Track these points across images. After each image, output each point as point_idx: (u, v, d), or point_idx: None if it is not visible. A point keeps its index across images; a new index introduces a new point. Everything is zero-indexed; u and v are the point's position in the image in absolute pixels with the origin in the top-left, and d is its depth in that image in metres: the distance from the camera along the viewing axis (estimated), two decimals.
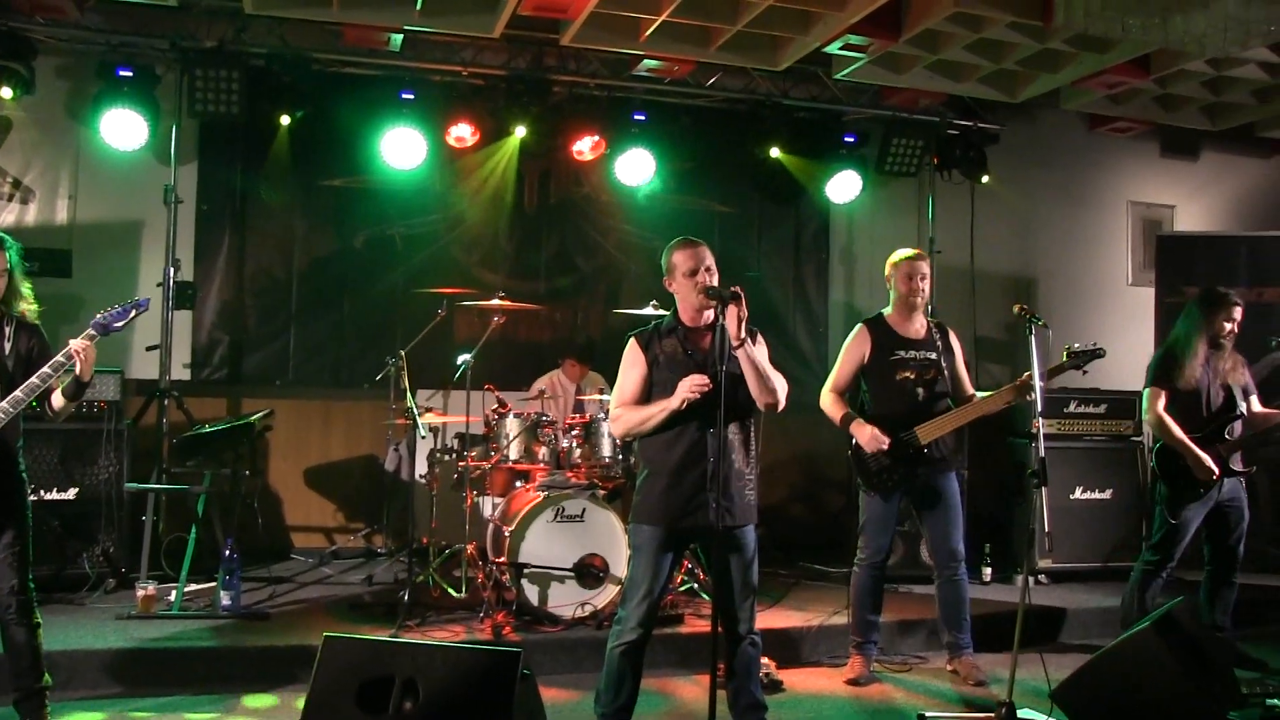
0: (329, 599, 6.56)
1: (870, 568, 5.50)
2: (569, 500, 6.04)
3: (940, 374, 5.44)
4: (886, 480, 5.40)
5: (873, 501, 5.45)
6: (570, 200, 8.63)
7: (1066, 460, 7.54)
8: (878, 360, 5.45)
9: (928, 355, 5.45)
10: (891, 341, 5.47)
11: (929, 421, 5.33)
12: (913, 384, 5.40)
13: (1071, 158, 9.84)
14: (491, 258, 8.44)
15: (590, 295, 8.72)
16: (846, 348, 5.57)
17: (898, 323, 5.54)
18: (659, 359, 4.30)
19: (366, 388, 7.72)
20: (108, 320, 4.45)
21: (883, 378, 5.44)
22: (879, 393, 5.47)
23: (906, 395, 5.39)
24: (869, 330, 5.53)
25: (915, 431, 5.32)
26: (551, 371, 7.84)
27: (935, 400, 5.42)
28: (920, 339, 5.50)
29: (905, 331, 5.51)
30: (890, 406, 5.41)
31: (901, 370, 5.41)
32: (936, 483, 5.43)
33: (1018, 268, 9.68)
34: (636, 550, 4.31)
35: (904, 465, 5.35)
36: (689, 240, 4.37)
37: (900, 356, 5.43)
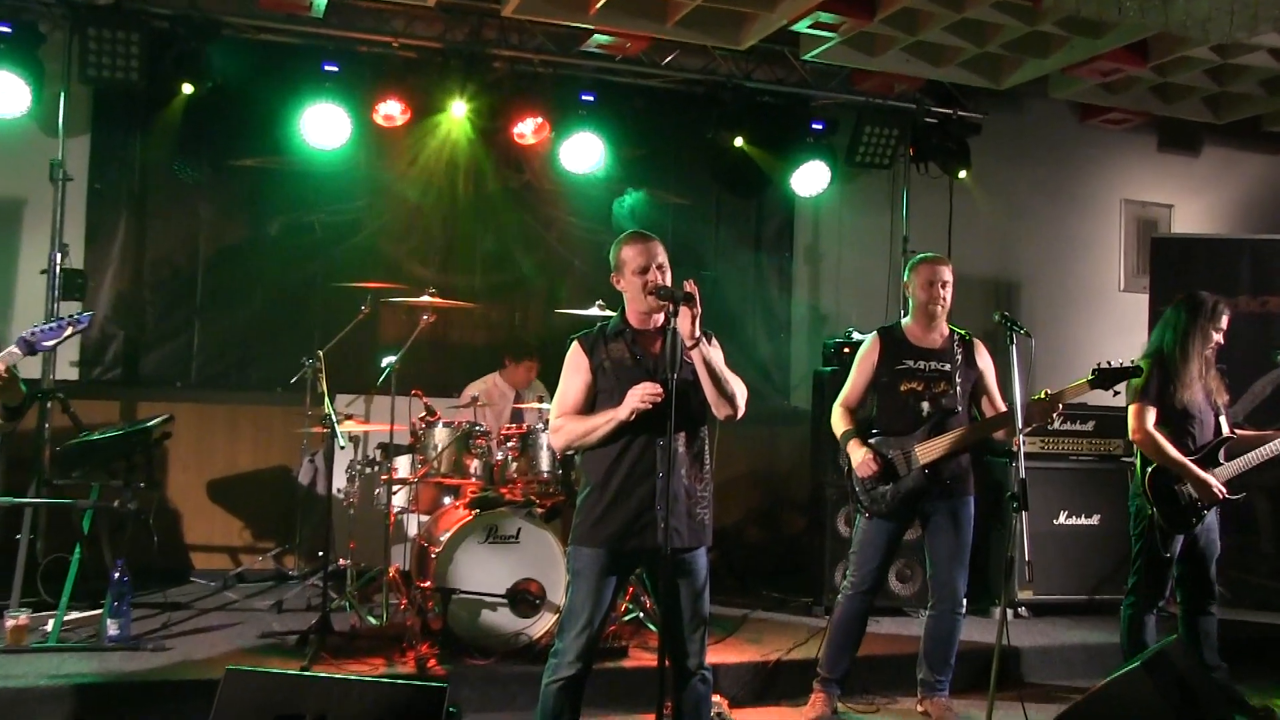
0: (232, 627, 6.48)
1: (855, 597, 5.52)
2: (503, 519, 6.03)
3: (952, 388, 5.45)
4: (880, 503, 5.43)
5: (865, 524, 5.51)
6: (510, 188, 8.62)
7: (1049, 482, 7.61)
8: (884, 371, 5.51)
9: (939, 366, 5.48)
10: (901, 351, 5.52)
11: (930, 440, 5.37)
12: (917, 397, 5.44)
13: (1060, 151, 10.00)
14: (421, 250, 8.42)
15: (530, 293, 8.72)
16: (858, 359, 5.62)
17: (914, 332, 5.57)
18: (604, 365, 4.31)
19: (279, 391, 7.65)
20: (36, 338, 4.22)
21: (889, 391, 5.50)
22: (884, 407, 5.52)
23: (910, 410, 5.43)
24: (880, 338, 5.59)
25: (915, 450, 5.35)
26: (488, 375, 7.83)
27: (943, 416, 5.43)
28: (936, 349, 5.53)
29: (920, 341, 5.54)
30: (892, 422, 5.46)
31: (907, 382, 5.46)
32: (947, 508, 5.46)
33: (999, 271, 9.81)
34: (576, 575, 4.31)
35: (901, 486, 5.39)
36: (640, 234, 4.38)
37: (907, 366, 5.47)
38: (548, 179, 8.62)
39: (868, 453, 5.35)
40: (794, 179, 8.79)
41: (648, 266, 4.27)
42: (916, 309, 5.55)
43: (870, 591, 5.52)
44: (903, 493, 5.38)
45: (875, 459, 5.34)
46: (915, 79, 8.69)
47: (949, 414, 5.43)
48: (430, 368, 7.98)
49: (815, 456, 7.67)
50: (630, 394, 4.14)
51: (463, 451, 6.53)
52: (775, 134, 8.72)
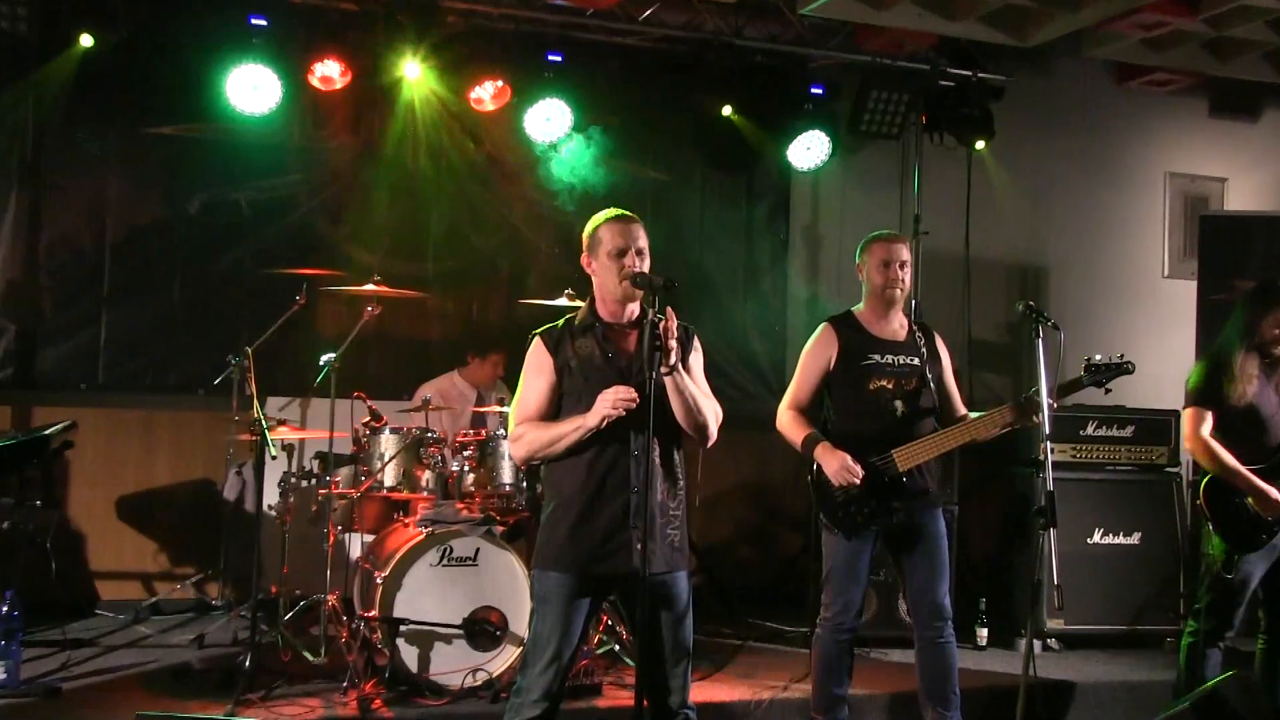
0: (145, 667, 6.45)
1: (837, 629, 5.47)
2: (459, 539, 6.03)
3: (924, 385, 5.46)
4: (854, 516, 5.38)
5: (837, 543, 5.43)
6: (466, 161, 8.59)
7: (1083, 495, 7.64)
8: (846, 367, 5.47)
9: (909, 361, 5.48)
10: (863, 344, 5.49)
11: (909, 444, 5.35)
12: (889, 396, 5.41)
13: (1095, 118, 10.01)
14: (365, 232, 8.39)
15: (490, 281, 8.73)
16: (807, 353, 5.57)
17: (871, 321, 5.56)
18: (571, 364, 4.32)
19: (201, 394, 7.64)
20: None
21: (852, 389, 5.46)
22: (847, 407, 5.48)
23: (882, 410, 5.41)
24: (835, 330, 5.54)
25: (892, 456, 5.32)
26: (445, 374, 7.85)
27: (918, 418, 5.44)
28: (900, 341, 5.53)
29: (880, 332, 5.53)
30: (861, 425, 5.42)
31: (875, 379, 5.42)
32: (918, 521, 5.43)
33: (1023, 255, 9.85)
34: (541, 602, 4.31)
35: (876, 497, 5.35)
36: (620, 214, 4.41)
37: (874, 362, 5.44)
38: (510, 150, 8.59)
39: (844, 457, 5.29)
40: (790, 151, 8.80)
41: (626, 249, 4.29)
42: (871, 294, 5.55)
43: (852, 624, 5.49)
44: (880, 505, 5.37)
45: (856, 466, 5.29)
46: (929, 36, 8.71)
47: (925, 414, 5.45)
48: (375, 366, 7.99)
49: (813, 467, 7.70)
50: (601, 399, 4.15)
51: (413, 462, 6.53)
52: (768, 99, 8.72)
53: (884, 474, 5.34)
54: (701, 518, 8.71)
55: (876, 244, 5.57)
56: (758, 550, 9.20)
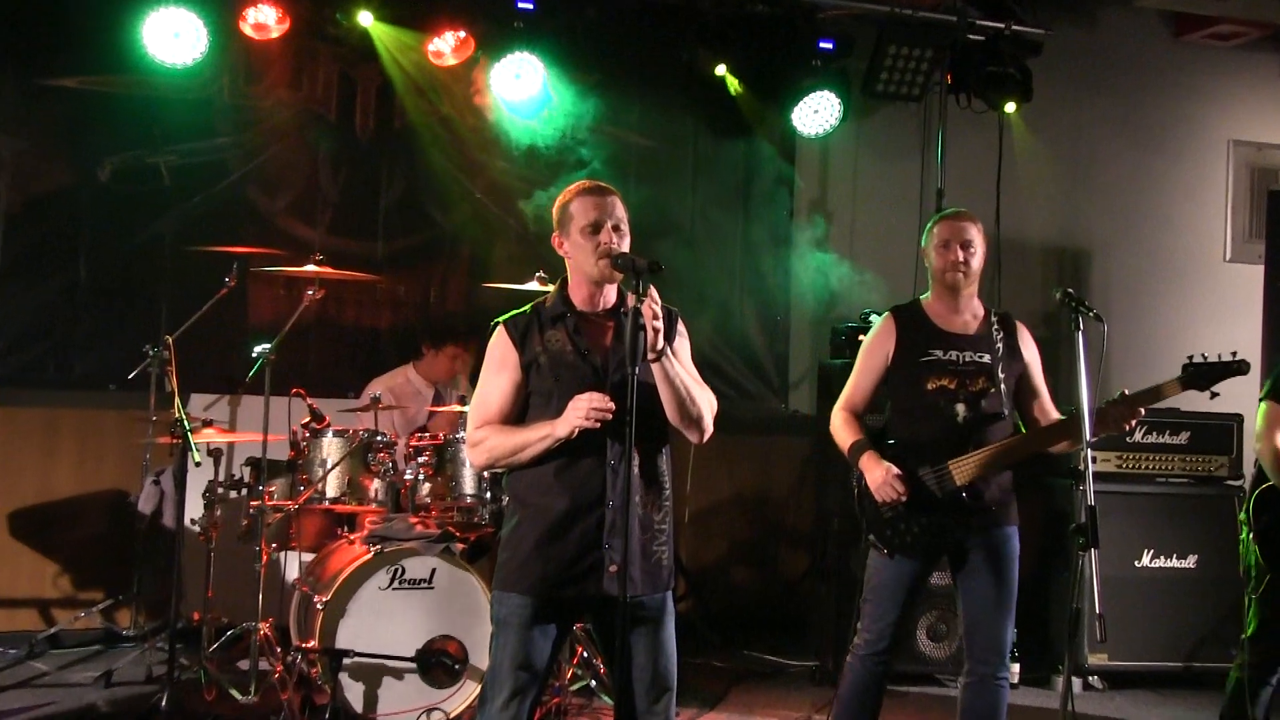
0: (41, 711, 6.45)
1: (870, 659, 5.47)
2: (412, 558, 6.06)
3: (993, 385, 5.42)
4: (903, 534, 5.38)
5: (881, 563, 5.43)
6: (424, 124, 8.61)
7: (1130, 512, 7.69)
8: (904, 364, 5.47)
9: (976, 358, 5.45)
10: (925, 337, 5.48)
11: (970, 454, 5.33)
12: (950, 398, 5.38)
13: (1147, 77, 10.03)
14: (305, 204, 8.41)
15: (450, 262, 8.74)
16: (865, 347, 5.58)
17: (939, 312, 5.54)
18: (539, 359, 4.32)
19: (113, 390, 7.63)
20: None
21: (910, 388, 5.46)
22: (904, 410, 5.49)
23: (941, 414, 5.39)
24: (896, 322, 5.54)
25: (949, 468, 5.32)
26: (398, 369, 7.87)
27: (985, 423, 5.40)
28: (969, 335, 5.51)
29: (947, 324, 5.51)
30: (918, 429, 5.42)
31: (935, 377, 5.40)
32: (985, 543, 5.42)
33: (1063, 235, 9.90)
34: (501, 627, 4.32)
35: (929, 514, 5.35)
36: (594, 185, 4.40)
37: (934, 358, 5.43)
38: (473, 113, 8.60)
39: (889, 469, 5.28)
40: (795, 115, 8.81)
41: (601, 224, 4.28)
42: (934, 280, 5.55)
43: (887, 652, 5.46)
44: (933, 522, 5.38)
45: (900, 478, 5.28)
46: None
47: (992, 420, 5.40)
48: (317, 359, 8.01)
49: (821, 475, 7.73)
50: (572, 406, 4.15)
51: (360, 469, 6.56)
52: (771, 55, 8.74)
53: (939, 487, 5.34)
54: (691, 534, 8.75)
55: (939, 223, 5.57)
56: (756, 571, 9.24)
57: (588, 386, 4.20)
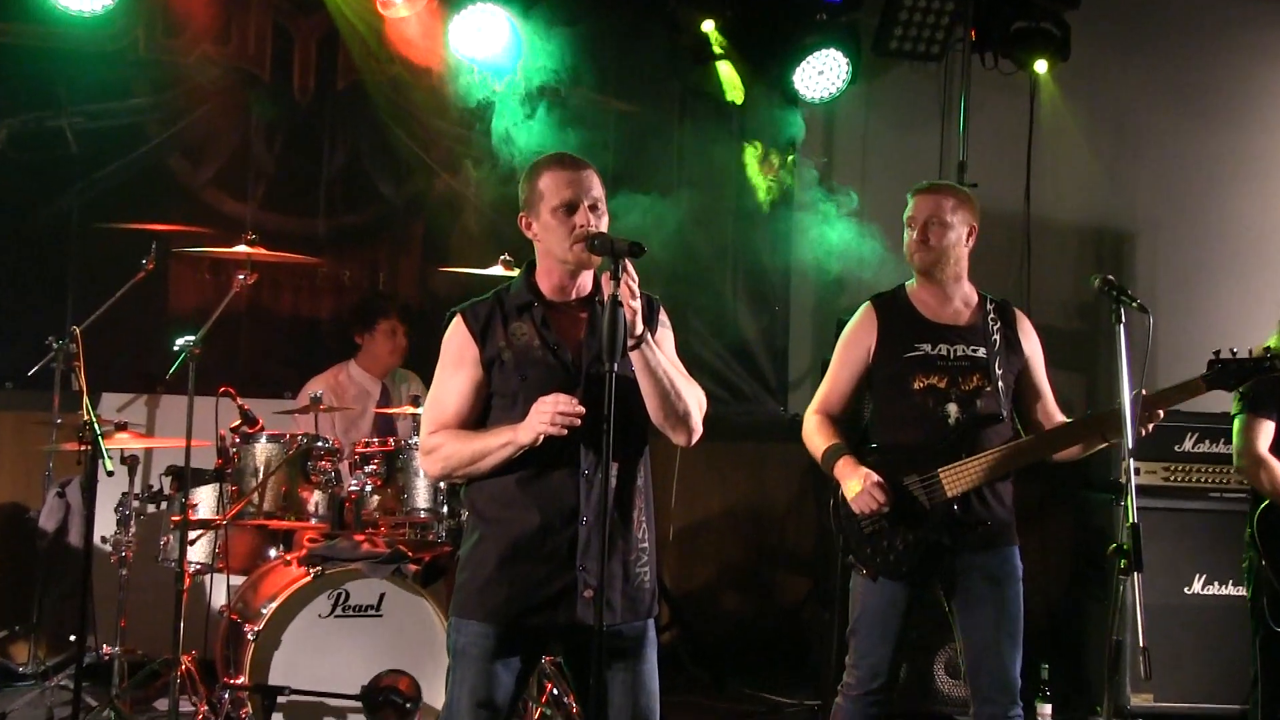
0: None
1: (862, 700, 5.44)
2: (357, 581, 6.07)
3: (989, 382, 5.43)
4: (885, 552, 5.36)
5: (865, 587, 5.43)
6: (371, 85, 8.63)
7: (1179, 531, 7.68)
8: (887, 359, 5.47)
9: (969, 351, 5.46)
10: (911, 329, 5.48)
11: (962, 461, 5.33)
12: (939, 398, 5.39)
13: (1204, 35, 10.00)
14: (235, 175, 8.41)
15: (401, 243, 8.77)
16: (842, 341, 5.59)
17: (926, 301, 5.55)
18: (502, 354, 4.31)
19: (10, 389, 7.63)
20: None
21: (894, 388, 5.45)
22: (888, 412, 5.49)
23: (929, 416, 5.38)
24: (877, 312, 5.54)
25: (939, 476, 5.31)
26: (339, 364, 7.88)
27: (980, 426, 5.39)
28: (960, 326, 5.52)
29: (935, 314, 5.52)
30: (903, 434, 5.42)
31: (922, 375, 5.40)
32: (983, 565, 5.41)
33: (1103, 214, 9.91)
34: (460, 660, 4.32)
35: (915, 529, 5.33)
36: (565, 158, 4.40)
37: (921, 353, 5.43)
38: (430, 73, 8.56)
39: (868, 475, 5.26)
40: (796, 76, 8.84)
41: (575, 203, 4.27)
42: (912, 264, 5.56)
43: (883, 690, 5.43)
44: (920, 539, 5.35)
45: (880, 485, 5.25)
46: None
47: (987, 422, 5.41)
48: (249, 353, 8.01)
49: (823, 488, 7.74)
50: (536, 409, 4.12)
51: (298, 479, 6.57)
52: (769, 9, 8.78)
53: (928, 499, 5.32)
54: (675, 554, 8.78)
55: (910, 197, 5.57)
56: (749, 597, 9.27)
57: (557, 386, 4.20)
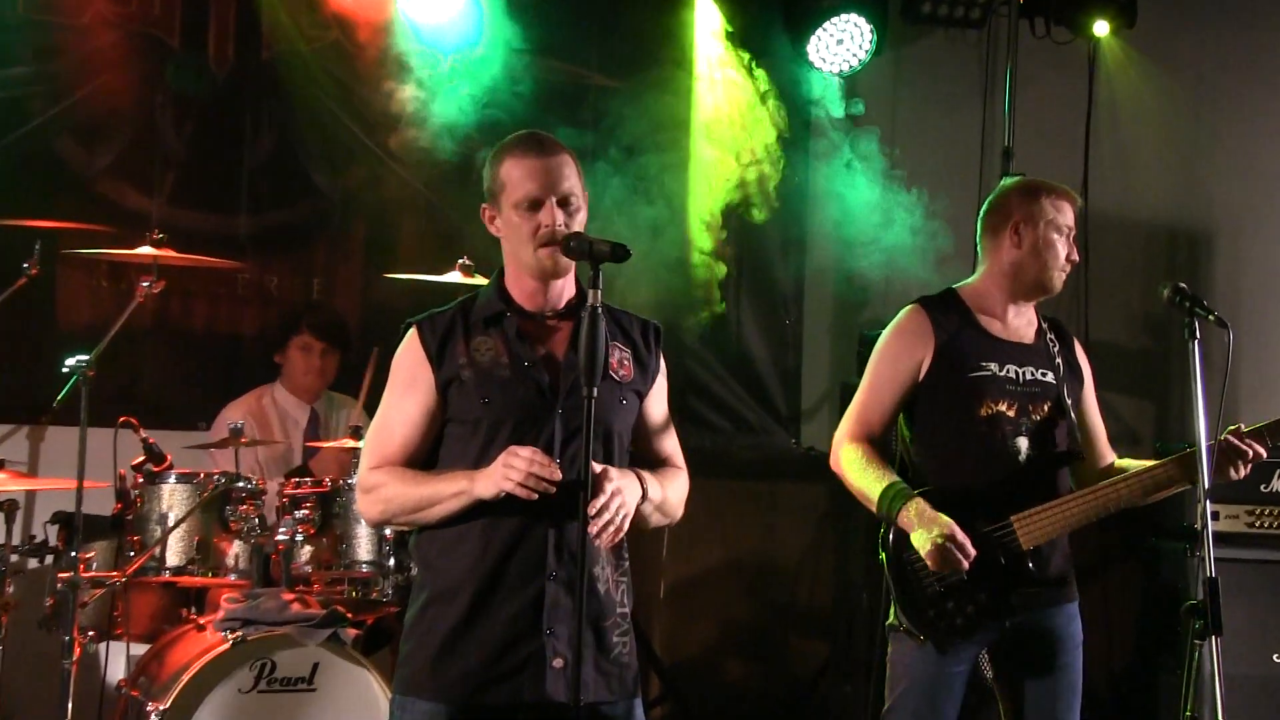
0: None
1: None
2: (286, 650, 6.05)
3: (1061, 414, 5.46)
4: (953, 617, 5.33)
5: (920, 657, 5.38)
6: (304, 54, 8.62)
7: (1268, 587, 7.68)
8: (946, 379, 5.43)
9: (1040, 375, 5.48)
10: (974, 344, 5.47)
11: (1038, 509, 5.31)
12: (1011, 429, 5.38)
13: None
14: (138, 163, 8.37)
15: (339, 243, 8.77)
16: (886, 351, 5.53)
17: (990, 311, 5.56)
18: (461, 374, 4.29)
19: None
20: None
21: (954, 414, 5.42)
22: (944, 442, 5.47)
23: (998, 451, 5.37)
24: (930, 319, 5.50)
25: (1012, 525, 5.30)
26: (262, 387, 7.89)
27: (1050, 466, 5.42)
28: (1027, 345, 5.54)
29: (1001, 329, 5.54)
30: (964, 472, 5.39)
31: (990, 400, 5.39)
32: (1040, 625, 5.41)
33: (1175, 210, 9.93)
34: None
35: (988, 589, 5.31)
36: (534, 140, 4.38)
37: (988, 373, 5.41)
38: (374, 44, 8.56)
39: (952, 527, 5.17)
40: (812, 47, 8.90)
41: (541, 199, 4.26)
42: (1014, 272, 5.52)
43: None
44: (993, 601, 5.30)
45: (966, 541, 5.17)
46: None
47: (1062, 460, 5.45)
48: (155, 376, 7.99)
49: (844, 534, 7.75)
50: (503, 462, 4.08)
51: (214, 527, 6.54)
52: None
53: (1000, 552, 5.29)
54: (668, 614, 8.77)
55: (1047, 194, 5.54)
56: (757, 666, 9.22)
57: (527, 412, 4.21)
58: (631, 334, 4.41)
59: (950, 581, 5.26)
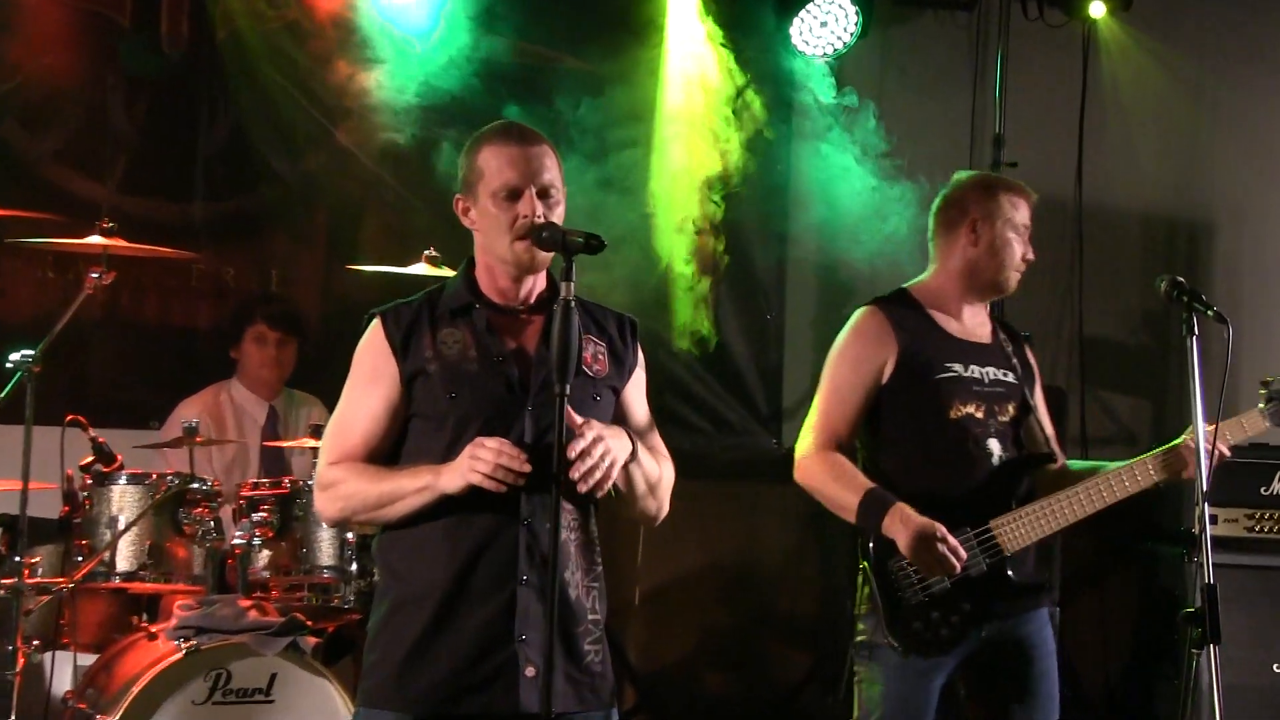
0: None
1: None
2: (242, 659, 6.04)
3: (1025, 414, 5.54)
4: (938, 627, 5.35)
5: (898, 670, 5.39)
6: (262, 34, 8.61)
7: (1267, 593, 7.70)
8: (911, 379, 5.47)
9: (1001, 376, 5.54)
10: (936, 345, 5.52)
11: (1016, 511, 5.36)
12: (982, 431, 5.44)
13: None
14: (87, 148, 8.38)
15: (299, 233, 8.77)
16: (847, 355, 5.57)
17: (945, 310, 5.62)
18: (427, 367, 4.26)
19: None
20: None
21: (921, 417, 5.47)
22: (914, 447, 5.50)
23: (969, 454, 5.43)
24: (890, 320, 5.55)
25: (992, 529, 5.34)
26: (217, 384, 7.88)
27: (1024, 467, 5.49)
28: (986, 345, 5.60)
29: (960, 329, 5.59)
30: (938, 477, 5.42)
31: (960, 402, 5.44)
32: (1014, 633, 5.46)
33: (1173, 200, 9.93)
34: None
35: (974, 596, 5.34)
36: (514, 129, 4.38)
37: (954, 374, 5.47)
38: (334, 24, 8.56)
39: (940, 531, 5.20)
40: (795, 29, 8.90)
41: (520, 188, 4.24)
42: (970, 270, 5.59)
43: None
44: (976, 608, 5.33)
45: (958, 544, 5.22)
46: None
47: (1035, 461, 5.52)
48: (105, 373, 7.98)
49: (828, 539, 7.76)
50: (470, 454, 4.04)
51: (167, 530, 6.53)
52: None
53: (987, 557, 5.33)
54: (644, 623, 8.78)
55: (1004, 191, 5.62)
56: (737, 676, 9.25)
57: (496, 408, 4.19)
58: (606, 327, 4.40)
59: (934, 590, 5.30)
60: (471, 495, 4.11)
